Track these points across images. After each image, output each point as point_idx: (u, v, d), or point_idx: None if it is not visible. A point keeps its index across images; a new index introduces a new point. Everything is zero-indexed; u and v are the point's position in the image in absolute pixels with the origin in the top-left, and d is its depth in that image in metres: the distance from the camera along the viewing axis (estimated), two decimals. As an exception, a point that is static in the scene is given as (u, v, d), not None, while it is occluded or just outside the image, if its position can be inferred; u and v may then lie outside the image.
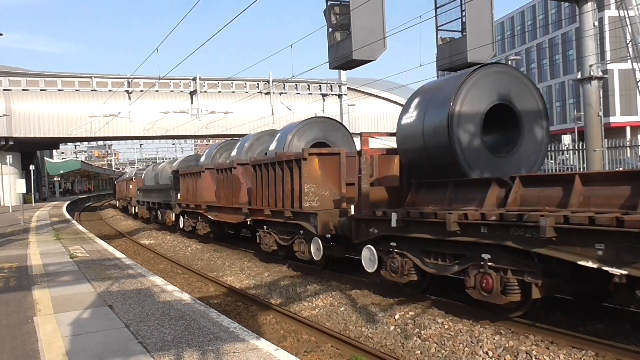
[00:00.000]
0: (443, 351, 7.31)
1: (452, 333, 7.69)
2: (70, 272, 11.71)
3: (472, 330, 7.64)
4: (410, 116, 9.94)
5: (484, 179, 8.57)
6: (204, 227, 19.82)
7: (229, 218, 17.17)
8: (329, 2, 14.55)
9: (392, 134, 11.09)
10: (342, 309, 9.66)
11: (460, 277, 8.50)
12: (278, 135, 15.81)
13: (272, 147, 15.64)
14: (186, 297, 8.97)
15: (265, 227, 14.30)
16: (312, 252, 12.17)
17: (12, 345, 6.43)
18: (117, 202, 47.97)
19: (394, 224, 9.05)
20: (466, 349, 7.19)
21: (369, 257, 10.05)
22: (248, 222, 15.42)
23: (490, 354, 6.94)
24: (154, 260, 18.47)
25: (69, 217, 31.94)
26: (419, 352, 7.48)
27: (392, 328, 8.34)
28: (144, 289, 9.65)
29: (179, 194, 22.32)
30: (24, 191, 29.05)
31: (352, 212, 10.59)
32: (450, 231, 7.82)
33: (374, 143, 14.70)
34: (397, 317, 8.66)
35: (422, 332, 7.90)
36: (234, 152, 19.49)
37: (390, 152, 11.92)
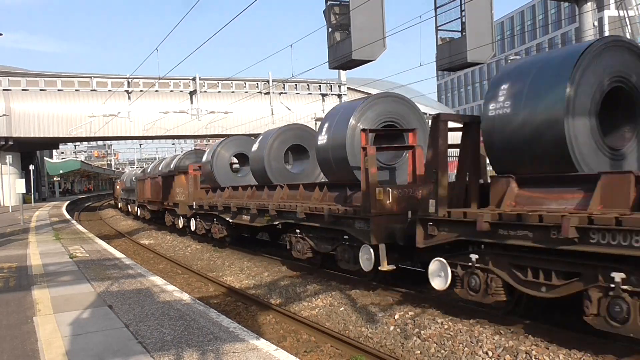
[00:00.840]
0: (443, 351, 7.31)
1: (451, 333, 7.68)
2: (70, 272, 11.71)
3: (472, 330, 7.64)
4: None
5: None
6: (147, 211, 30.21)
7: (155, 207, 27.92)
8: (329, 2, 14.55)
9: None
10: (342, 309, 9.66)
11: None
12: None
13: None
14: (186, 297, 8.96)
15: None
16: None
17: (11, 345, 6.43)
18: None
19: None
20: (466, 349, 7.19)
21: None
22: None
23: (490, 354, 6.94)
24: (154, 260, 18.47)
25: (68, 217, 31.94)
26: (419, 352, 7.48)
27: (391, 328, 8.34)
28: (143, 289, 9.65)
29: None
30: (24, 191, 29.03)
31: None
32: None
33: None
34: (396, 317, 8.66)
35: (422, 332, 7.90)
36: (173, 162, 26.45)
37: None
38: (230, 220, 17.04)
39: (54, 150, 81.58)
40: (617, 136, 7.68)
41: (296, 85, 41.49)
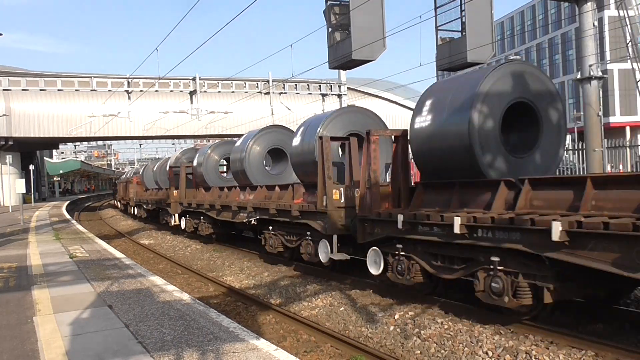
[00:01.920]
0: (443, 351, 7.31)
1: (451, 333, 7.68)
2: (70, 272, 11.71)
3: (472, 330, 7.64)
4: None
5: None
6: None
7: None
8: (329, 2, 14.54)
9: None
10: (342, 309, 9.66)
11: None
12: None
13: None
14: (186, 297, 8.96)
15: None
16: None
17: (11, 345, 6.43)
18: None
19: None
20: (466, 349, 7.19)
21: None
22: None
23: (490, 354, 6.94)
24: (154, 260, 18.47)
25: (68, 217, 31.94)
26: (419, 352, 7.47)
27: (391, 328, 8.34)
28: (143, 289, 9.65)
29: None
30: (24, 191, 29.03)
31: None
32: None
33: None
34: (396, 317, 8.66)
35: (422, 332, 7.90)
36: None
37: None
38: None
39: (54, 150, 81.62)
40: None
41: (296, 85, 41.48)
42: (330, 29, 14.62)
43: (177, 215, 23.12)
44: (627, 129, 62.37)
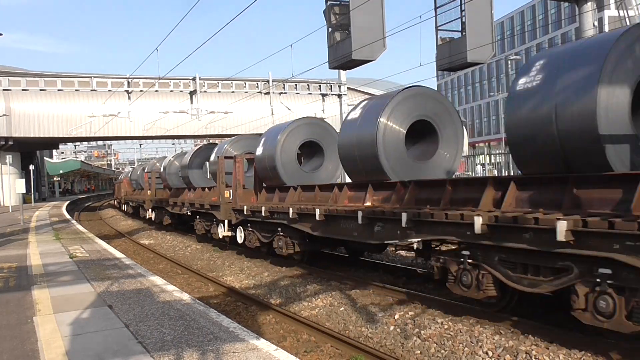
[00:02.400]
0: (443, 351, 7.31)
1: (451, 333, 7.69)
2: (70, 272, 11.71)
3: (472, 330, 7.64)
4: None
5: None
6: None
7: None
8: (329, 2, 14.55)
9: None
10: (342, 309, 9.66)
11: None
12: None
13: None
14: (186, 297, 8.96)
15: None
16: None
17: (11, 345, 6.43)
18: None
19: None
20: (466, 349, 7.19)
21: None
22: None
23: (490, 354, 6.94)
24: (154, 260, 18.47)
25: (68, 217, 31.94)
26: (419, 352, 7.48)
27: (391, 328, 8.34)
28: (143, 289, 9.65)
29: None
30: (24, 191, 29.03)
31: None
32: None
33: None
34: (396, 317, 8.66)
35: (422, 332, 7.90)
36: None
37: None
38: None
39: (54, 150, 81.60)
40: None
41: (296, 85, 41.48)
42: (330, 29, 14.63)
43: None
44: (627, 129, 62.23)
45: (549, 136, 7.12)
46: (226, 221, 16.61)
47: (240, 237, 16.10)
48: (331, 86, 42.89)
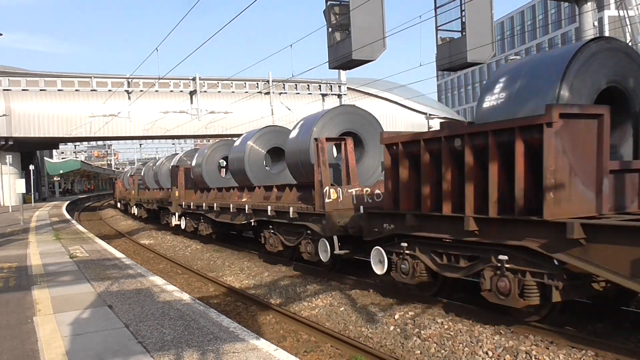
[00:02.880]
0: (443, 351, 7.31)
1: (451, 333, 7.68)
2: (70, 272, 11.71)
3: (472, 330, 7.64)
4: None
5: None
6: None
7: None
8: (329, 2, 14.55)
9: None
10: (342, 309, 9.66)
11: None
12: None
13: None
14: (186, 297, 8.96)
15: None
16: None
17: (11, 345, 6.43)
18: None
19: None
20: (466, 349, 7.19)
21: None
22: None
23: (490, 354, 6.94)
24: (154, 260, 18.47)
25: (68, 217, 31.93)
26: (419, 352, 7.47)
27: (391, 328, 8.34)
28: (143, 289, 9.65)
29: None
30: (24, 191, 29.02)
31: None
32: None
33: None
34: (396, 317, 8.66)
35: (422, 332, 7.90)
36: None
37: None
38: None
39: (54, 150, 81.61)
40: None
41: (296, 85, 41.47)
42: (330, 29, 14.64)
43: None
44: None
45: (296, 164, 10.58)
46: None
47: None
48: (331, 86, 42.88)
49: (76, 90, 37.24)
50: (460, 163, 7.84)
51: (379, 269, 9.85)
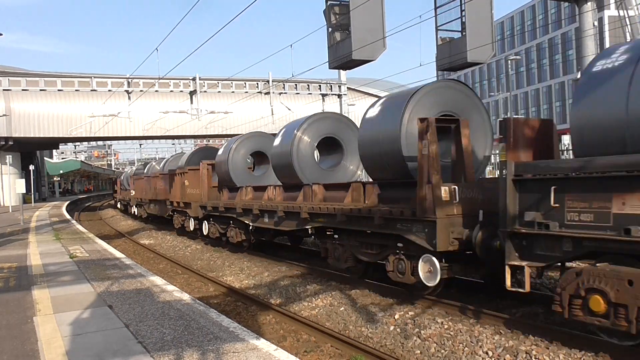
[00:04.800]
0: (443, 351, 7.31)
1: (451, 333, 7.69)
2: (70, 272, 11.71)
3: (472, 330, 7.64)
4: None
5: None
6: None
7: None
8: (329, 2, 14.53)
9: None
10: (342, 308, 9.66)
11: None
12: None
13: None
14: (186, 297, 8.96)
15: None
16: None
17: (11, 345, 6.43)
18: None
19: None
20: (466, 348, 7.19)
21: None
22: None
23: (490, 353, 6.94)
24: (154, 260, 18.47)
25: (68, 217, 31.93)
26: (419, 352, 7.47)
27: (391, 328, 8.34)
28: (143, 289, 9.65)
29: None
30: (24, 191, 29.03)
31: None
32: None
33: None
34: (396, 317, 8.66)
35: (422, 332, 7.90)
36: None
37: None
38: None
39: (54, 150, 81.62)
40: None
41: (296, 85, 41.49)
42: (330, 29, 14.61)
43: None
44: (627, 129, 62.22)
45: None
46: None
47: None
48: (331, 86, 42.91)
49: (76, 90, 37.30)
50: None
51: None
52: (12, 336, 6.81)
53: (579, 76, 19.59)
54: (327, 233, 11.91)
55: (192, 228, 20.91)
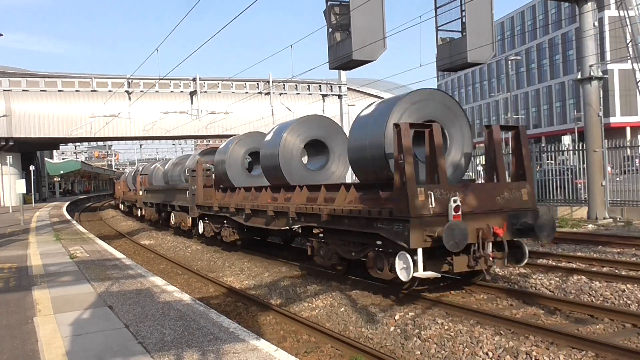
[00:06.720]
0: (443, 352, 7.31)
1: (452, 334, 7.69)
2: (70, 272, 11.71)
3: (472, 330, 7.64)
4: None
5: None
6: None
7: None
8: (329, 2, 14.53)
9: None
10: (342, 309, 9.66)
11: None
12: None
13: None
14: (186, 297, 8.96)
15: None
16: None
17: (12, 346, 6.43)
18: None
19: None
20: (466, 349, 7.19)
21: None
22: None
23: (490, 354, 6.93)
24: (154, 261, 18.46)
25: (69, 217, 31.94)
26: (419, 352, 7.47)
27: (392, 328, 8.34)
28: (143, 289, 9.65)
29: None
30: (24, 192, 29.04)
31: None
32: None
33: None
34: (397, 317, 8.66)
35: (422, 332, 7.90)
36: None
37: None
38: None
39: (54, 151, 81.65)
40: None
41: (296, 85, 41.45)
42: (330, 30, 14.61)
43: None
44: (628, 129, 62.32)
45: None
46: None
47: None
48: (331, 86, 42.86)
49: (76, 90, 37.22)
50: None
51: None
52: (12, 336, 6.81)
53: (579, 76, 19.60)
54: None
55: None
